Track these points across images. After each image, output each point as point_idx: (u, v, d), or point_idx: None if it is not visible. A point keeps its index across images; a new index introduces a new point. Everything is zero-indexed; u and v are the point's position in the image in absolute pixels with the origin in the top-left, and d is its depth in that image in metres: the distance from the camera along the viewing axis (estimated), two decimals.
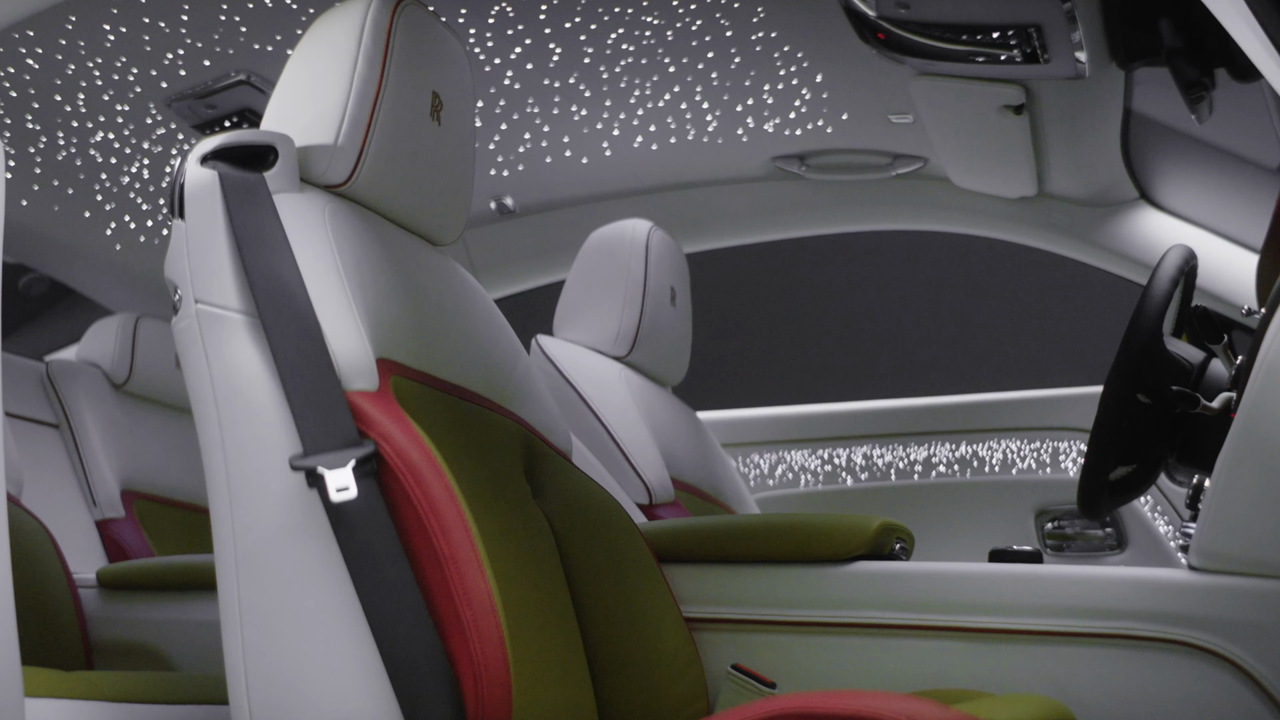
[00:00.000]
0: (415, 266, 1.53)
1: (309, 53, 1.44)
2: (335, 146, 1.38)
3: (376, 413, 1.30)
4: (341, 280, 1.34)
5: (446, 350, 1.53)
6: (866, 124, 2.55)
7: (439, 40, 1.54)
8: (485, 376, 1.60)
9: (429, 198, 1.54)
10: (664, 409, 2.49)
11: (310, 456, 1.26)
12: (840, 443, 2.88)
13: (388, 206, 1.49)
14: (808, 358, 3.67)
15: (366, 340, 1.31)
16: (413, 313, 1.46)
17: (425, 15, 1.52)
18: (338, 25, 1.44)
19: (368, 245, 1.41)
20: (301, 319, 1.31)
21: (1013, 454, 2.78)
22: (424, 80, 1.48)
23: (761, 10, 2.20)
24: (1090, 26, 2.00)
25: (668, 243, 2.50)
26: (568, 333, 2.46)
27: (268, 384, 1.29)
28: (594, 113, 2.55)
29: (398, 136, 1.44)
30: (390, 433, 1.29)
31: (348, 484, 1.25)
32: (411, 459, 1.29)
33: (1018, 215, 2.65)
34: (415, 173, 1.49)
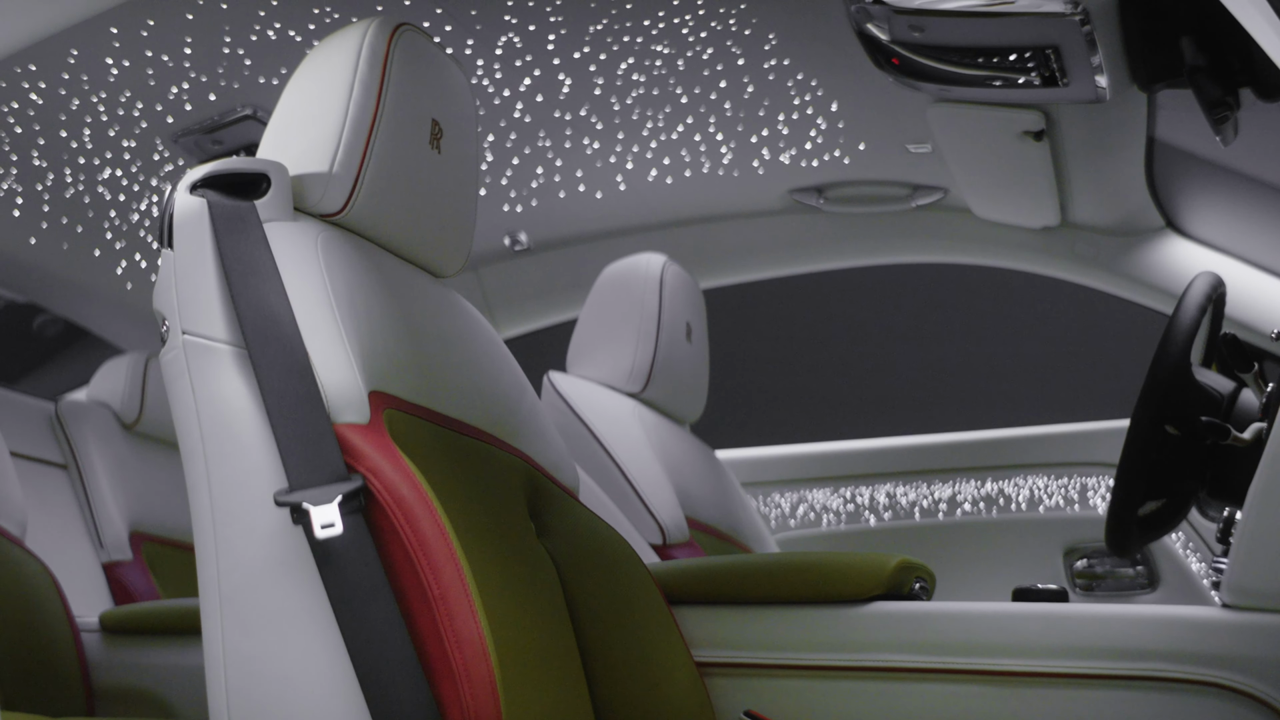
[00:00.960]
0: (414, 298, 1.49)
1: (305, 80, 1.42)
2: (330, 175, 1.35)
3: (366, 446, 1.26)
4: (332, 310, 1.30)
5: (446, 384, 1.49)
6: (884, 154, 2.50)
7: (439, 67, 1.51)
8: (487, 411, 1.55)
9: (429, 228, 1.51)
10: (679, 447, 2.44)
11: (295, 492, 1.22)
12: (863, 481, 2.82)
13: (386, 236, 1.46)
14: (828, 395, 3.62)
15: (357, 372, 1.28)
16: (410, 345, 1.43)
17: (424, 42, 1.49)
18: (334, 52, 1.41)
19: (362, 275, 1.38)
20: (289, 350, 1.27)
21: (1040, 491, 2.70)
22: (423, 107, 1.46)
23: (773, 38, 2.16)
24: (1109, 47, 1.94)
25: (683, 277, 2.45)
26: (581, 369, 2.41)
27: (254, 417, 1.25)
28: (606, 146, 2.52)
29: (395, 165, 1.41)
30: (379, 467, 1.25)
31: (333, 520, 1.20)
32: (401, 494, 1.24)
33: (1041, 246, 2.60)
34: (414, 202, 1.46)
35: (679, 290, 2.43)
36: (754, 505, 2.78)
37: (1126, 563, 2.59)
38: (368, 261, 1.42)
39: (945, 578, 2.44)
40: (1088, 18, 1.88)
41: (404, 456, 1.27)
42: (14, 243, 2.49)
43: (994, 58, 2.04)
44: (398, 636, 1.21)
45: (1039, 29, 1.93)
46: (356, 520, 1.22)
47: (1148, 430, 1.72)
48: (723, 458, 2.69)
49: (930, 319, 3.65)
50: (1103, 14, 1.88)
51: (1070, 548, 2.65)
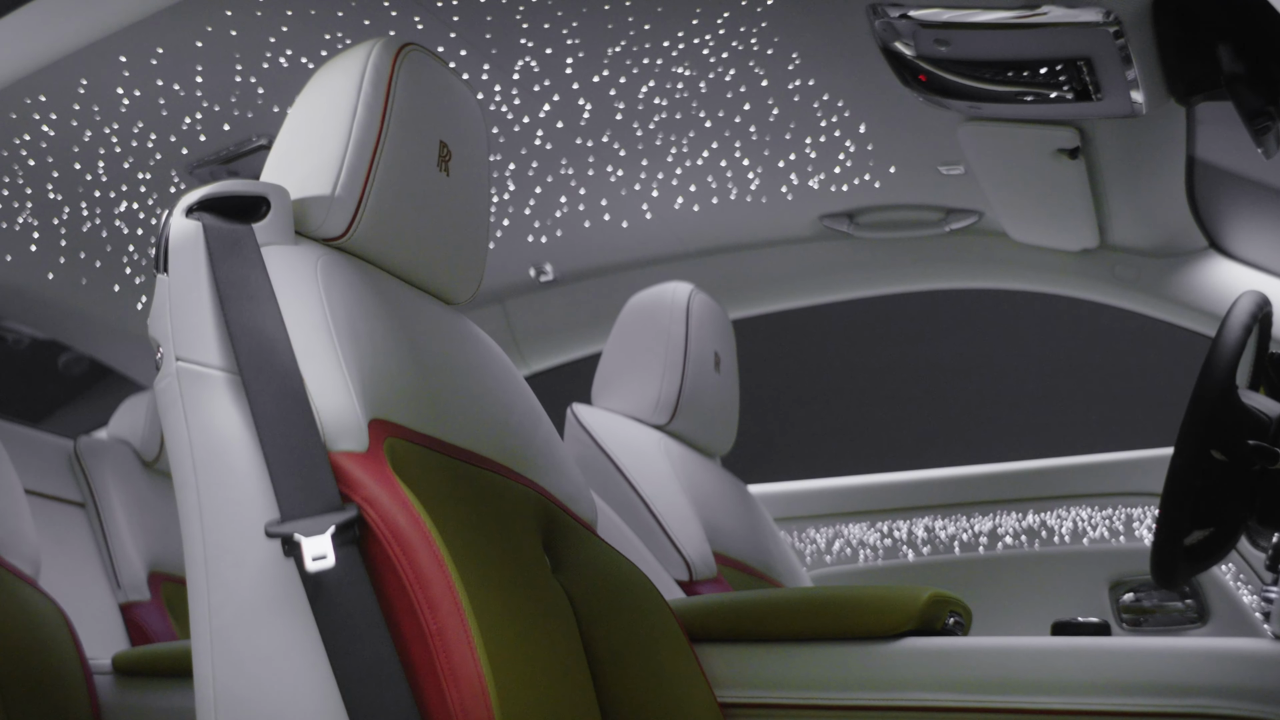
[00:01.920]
0: (422, 324, 1.45)
1: (308, 102, 1.39)
2: (332, 197, 1.32)
3: (362, 475, 1.21)
4: (331, 335, 1.26)
5: (455, 413, 1.44)
6: (916, 176, 2.43)
7: (446, 88, 1.47)
8: (499, 441, 1.51)
9: (438, 253, 1.47)
10: (708, 480, 2.36)
11: (287, 522, 1.17)
12: (900, 515, 2.73)
13: (392, 261, 1.42)
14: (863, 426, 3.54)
15: (355, 398, 1.23)
16: (415, 372, 1.38)
17: (431, 62, 1.46)
18: (337, 74, 1.38)
19: (365, 300, 1.34)
20: (284, 375, 1.23)
21: (1083, 522, 2.61)
22: (430, 129, 1.42)
23: (797, 57, 2.10)
24: (1144, 58, 1.87)
25: (710, 306, 2.39)
26: (606, 401, 2.35)
27: (247, 445, 1.21)
28: (630, 173, 2.47)
29: (400, 187, 1.37)
30: (375, 496, 1.20)
31: (325, 552, 1.16)
32: (398, 525, 1.19)
33: (1080, 269, 2.52)
34: (421, 225, 1.42)
35: (706, 319, 2.37)
36: (787, 541, 2.70)
37: (1175, 596, 2.48)
38: (372, 286, 1.38)
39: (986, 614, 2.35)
40: (1120, 27, 1.81)
41: (403, 486, 1.22)
42: (32, 278, 2.47)
43: (1024, 72, 1.97)
44: (392, 674, 1.15)
45: (1070, 40, 1.86)
46: (350, 552, 1.17)
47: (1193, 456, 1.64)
48: (756, 492, 2.62)
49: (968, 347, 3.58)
50: (1136, 23, 1.81)
51: (1116, 581, 2.55)
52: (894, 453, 2.93)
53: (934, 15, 1.90)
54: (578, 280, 2.80)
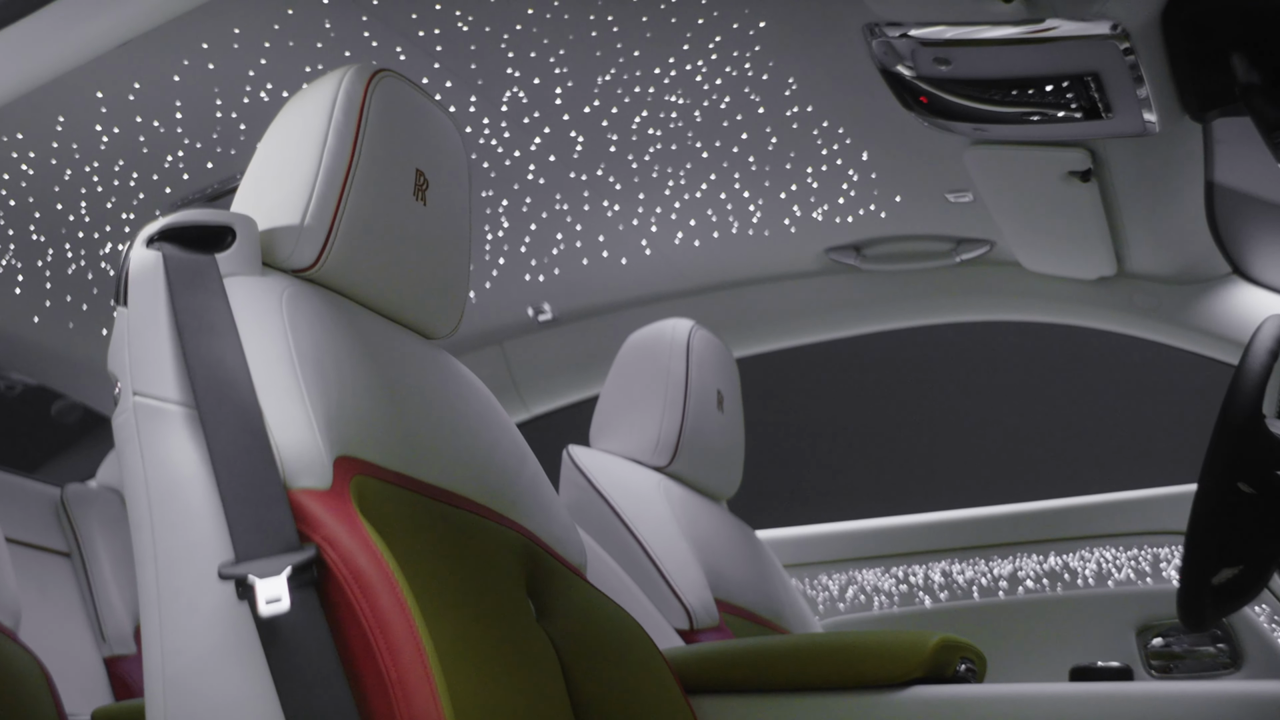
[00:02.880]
0: (397, 359, 1.39)
1: (279, 131, 1.35)
2: (301, 227, 1.28)
3: (323, 513, 1.15)
4: (294, 368, 1.21)
5: (432, 450, 1.38)
6: (923, 205, 2.35)
7: (422, 115, 1.43)
8: (481, 481, 1.44)
9: (415, 284, 1.42)
10: (712, 524, 2.27)
11: (241, 563, 1.11)
12: (916, 559, 2.64)
13: (366, 293, 1.37)
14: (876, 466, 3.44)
15: (318, 433, 1.18)
16: (388, 408, 1.32)
17: (405, 88, 1.41)
18: (309, 101, 1.35)
19: (335, 333, 1.29)
20: (242, 410, 1.18)
21: (1108, 564, 2.50)
22: (405, 156, 1.38)
23: (793, 82, 2.03)
24: (1154, 72, 1.78)
25: (712, 343, 2.31)
26: (604, 443, 2.26)
27: (203, 483, 1.15)
28: (627, 208, 2.40)
29: (373, 216, 1.32)
30: (336, 536, 1.13)
31: (280, 594, 1.09)
32: (358, 566, 1.12)
33: (1098, 298, 2.44)
34: (397, 256, 1.37)
35: (708, 356, 2.29)
36: (797, 587, 2.60)
37: (1206, 640, 2.37)
38: (343, 319, 1.33)
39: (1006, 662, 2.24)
40: (1129, 41, 1.73)
41: (366, 525, 1.16)
42: (19, 323, 2.43)
43: (1030, 90, 1.89)
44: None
45: (1076, 55, 1.78)
46: (308, 595, 1.11)
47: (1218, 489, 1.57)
48: (764, 538, 2.52)
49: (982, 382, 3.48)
50: (1144, 36, 1.72)
51: (1144, 625, 2.42)
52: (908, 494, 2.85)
53: (933, 34, 1.82)
54: (577, 320, 2.74)
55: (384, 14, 1.87)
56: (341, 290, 1.35)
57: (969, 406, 3.50)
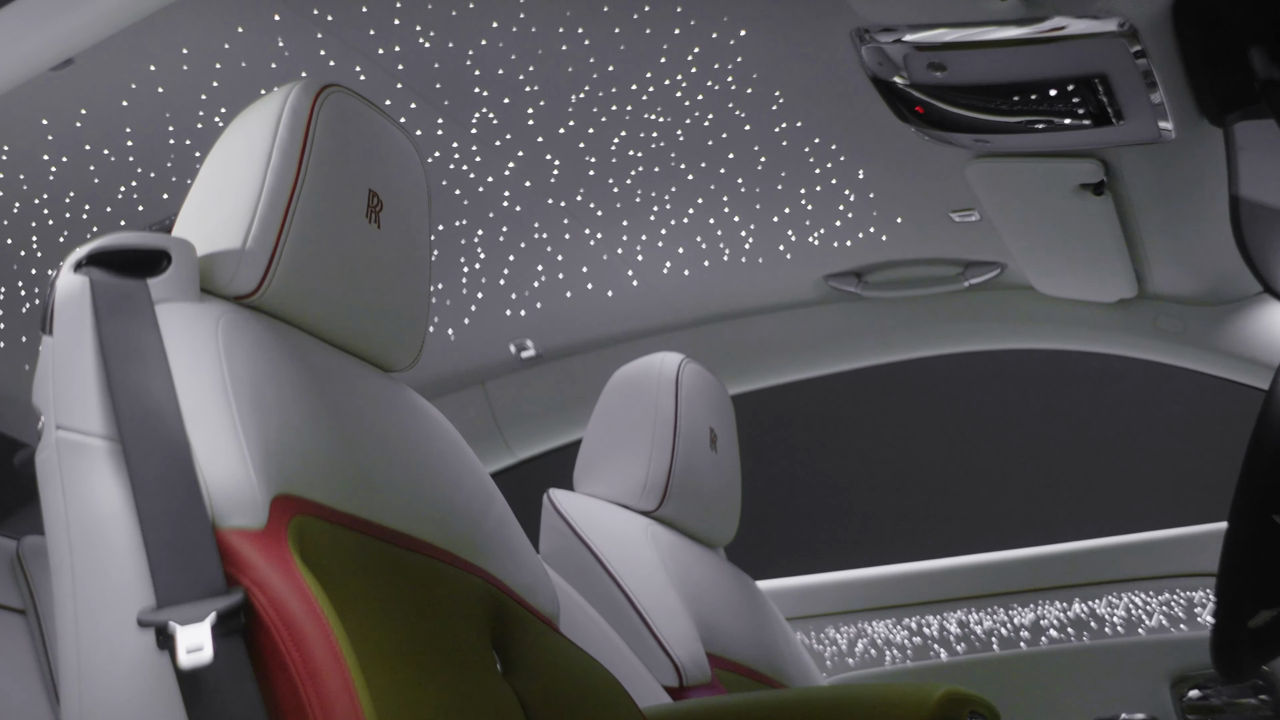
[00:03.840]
0: (348, 392, 1.34)
1: (222, 150, 1.33)
2: (243, 251, 1.24)
3: (254, 555, 1.10)
4: (228, 400, 1.17)
5: (386, 490, 1.33)
6: (927, 227, 2.30)
7: (375, 132, 1.39)
8: (441, 524, 1.39)
9: (369, 313, 1.38)
10: (705, 573, 2.18)
11: (163, 609, 1.06)
12: (930, 609, 2.56)
13: (316, 322, 1.33)
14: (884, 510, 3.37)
15: (252, 469, 1.13)
16: (338, 444, 1.28)
17: (356, 103, 1.37)
18: (252, 119, 1.32)
19: (277, 363, 1.25)
20: (169, 444, 1.14)
21: (1138, 610, 2.43)
22: (356, 176, 1.34)
23: (780, 95, 1.97)
24: (1167, 72, 1.72)
25: (704, 378, 2.24)
26: (589, 486, 2.19)
27: (126, 522, 1.11)
28: (610, 235, 2.35)
29: (321, 239, 1.29)
30: (266, 579, 1.09)
31: (202, 643, 1.04)
32: (290, 611, 1.07)
33: (1118, 323, 2.37)
34: (348, 282, 1.33)
35: (699, 392, 2.22)
36: (802, 641, 2.52)
37: (1247, 691, 2.28)
38: (287, 349, 1.28)
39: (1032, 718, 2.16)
40: (1137, 37, 1.66)
41: (301, 568, 1.11)
42: None
43: (1032, 96, 1.83)
44: None
45: (1080, 56, 1.72)
46: (233, 644, 1.05)
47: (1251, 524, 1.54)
48: (765, 588, 2.45)
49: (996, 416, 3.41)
50: (1154, 31, 1.66)
51: (1179, 676, 2.33)
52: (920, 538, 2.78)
53: (926, 37, 1.76)
54: (563, 357, 2.68)
55: (340, 31, 1.83)
56: (288, 319, 1.31)
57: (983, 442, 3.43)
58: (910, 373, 2.69)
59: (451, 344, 2.60)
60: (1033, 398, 3.39)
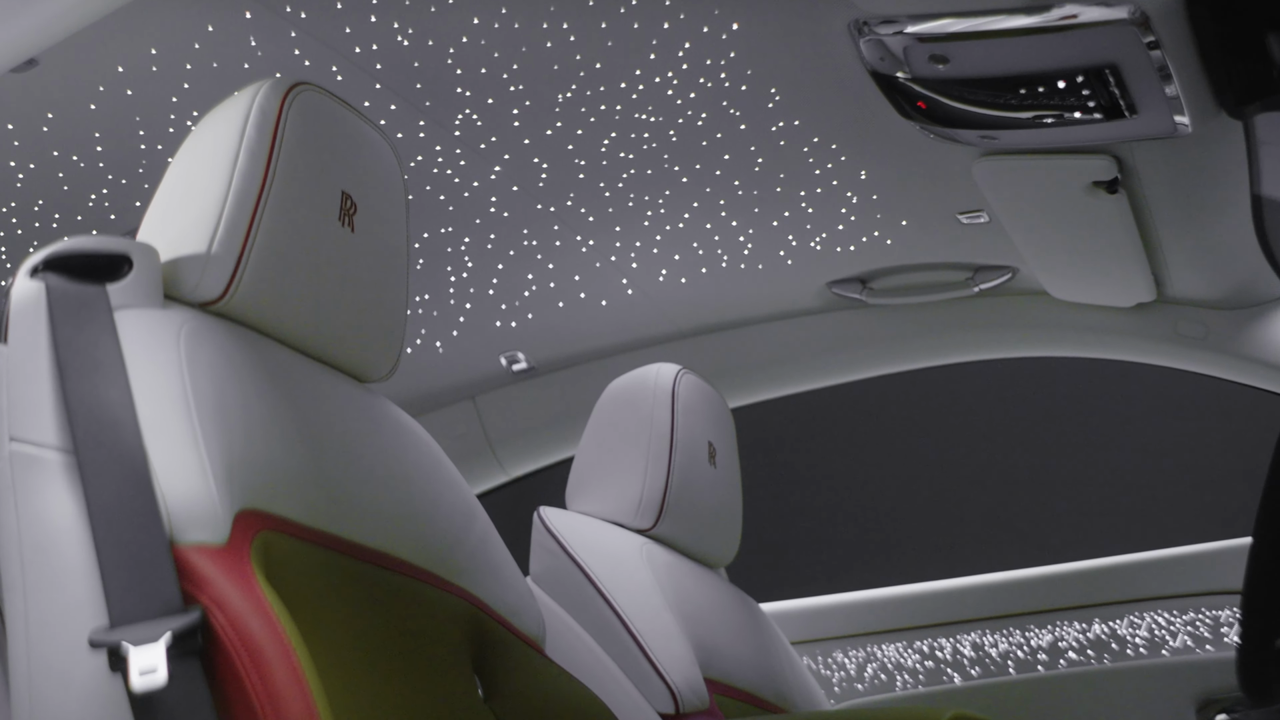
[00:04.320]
0: (320, 403, 1.32)
1: (189, 151, 1.31)
2: (208, 255, 1.22)
3: (213, 572, 1.07)
4: (188, 410, 1.14)
5: (360, 506, 1.31)
6: (933, 229, 2.26)
7: (348, 132, 1.37)
8: (419, 542, 1.37)
9: (344, 320, 1.35)
10: (704, 594, 2.13)
11: (116, 629, 1.03)
12: (942, 631, 2.53)
13: (287, 330, 1.31)
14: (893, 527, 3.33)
15: (213, 482, 1.11)
16: (309, 457, 1.26)
17: (329, 103, 1.35)
18: (219, 119, 1.30)
19: (243, 372, 1.22)
20: (125, 456, 1.12)
21: (1161, 630, 2.39)
22: (328, 177, 1.32)
23: (775, 93, 1.93)
24: (1181, 61, 1.68)
25: (702, 389, 2.19)
26: (582, 504, 2.14)
27: (80, 538, 1.08)
28: (603, 242, 2.32)
29: (291, 243, 1.27)
30: (226, 597, 1.06)
31: (155, 665, 1.01)
32: (249, 631, 1.05)
33: (1136, 328, 2.34)
34: (320, 288, 1.31)
35: (697, 404, 2.17)
36: (808, 666, 2.47)
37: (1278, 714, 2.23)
38: (255, 357, 1.26)
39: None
40: (1148, 24, 1.62)
41: (263, 586, 1.08)
42: None
43: (1040, 88, 1.79)
44: None
45: (1089, 45, 1.68)
46: (189, 666, 1.03)
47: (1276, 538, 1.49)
48: (770, 610, 2.41)
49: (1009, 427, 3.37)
50: (1166, 18, 1.62)
51: (1205, 699, 2.30)
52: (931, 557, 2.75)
53: (927, 28, 1.72)
54: (557, 369, 2.65)
55: (314, 29, 1.80)
56: (257, 326, 1.29)
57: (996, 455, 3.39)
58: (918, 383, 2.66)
59: (440, 357, 2.57)
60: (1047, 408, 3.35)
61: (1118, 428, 3.31)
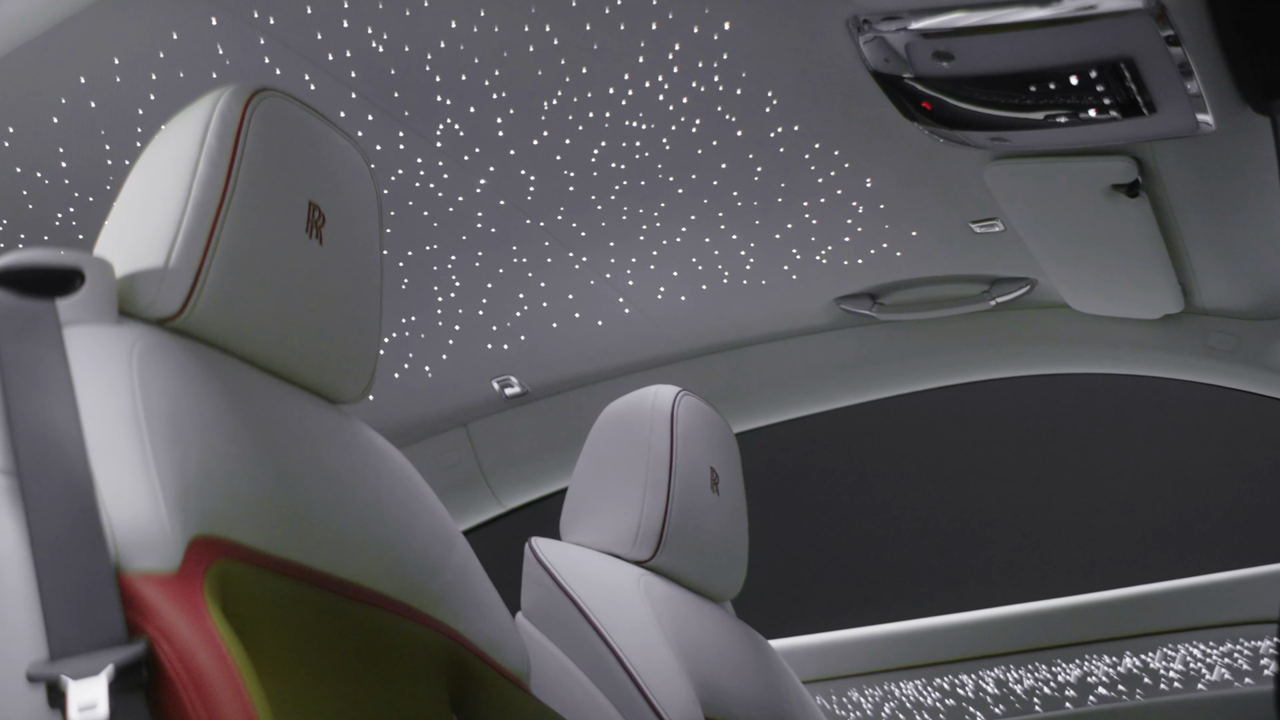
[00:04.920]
0: (287, 425, 1.30)
1: (147, 161, 1.29)
2: (165, 269, 1.20)
3: (162, 601, 1.05)
4: (139, 431, 1.12)
5: (329, 534, 1.28)
6: (945, 240, 2.22)
7: (316, 139, 1.35)
8: (392, 571, 1.35)
9: (312, 337, 1.33)
10: (706, 629, 2.08)
11: (55, 662, 1.00)
12: (964, 666, 2.48)
13: (252, 348, 1.29)
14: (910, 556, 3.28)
15: (165, 506, 1.08)
16: (272, 482, 1.23)
17: (295, 109, 1.34)
18: (180, 126, 1.29)
19: (201, 392, 1.20)
20: (70, 478, 1.09)
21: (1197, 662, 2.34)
22: (294, 187, 1.30)
23: (773, 96, 1.89)
24: (1201, 52, 1.63)
25: (703, 412, 2.15)
26: (577, 534, 2.10)
27: (20, 565, 1.05)
28: (596, 258, 2.28)
29: (254, 255, 1.25)
30: (173, 627, 1.03)
31: (95, 700, 0.98)
32: (197, 663, 1.02)
33: (1164, 341, 2.31)
34: (286, 303, 1.29)
35: (698, 428, 2.12)
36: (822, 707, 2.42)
37: None
38: (215, 376, 1.24)
39: None
40: (1165, 14, 1.57)
41: (214, 617, 1.05)
42: None
43: (1051, 85, 1.74)
44: None
45: (1102, 38, 1.63)
46: (133, 700, 1.00)
47: None
48: (780, 647, 2.36)
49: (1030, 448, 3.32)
50: (1184, 6, 1.57)
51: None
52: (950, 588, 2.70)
53: (930, 24, 1.68)
54: (552, 394, 2.62)
55: (283, 35, 1.77)
56: (219, 343, 1.26)
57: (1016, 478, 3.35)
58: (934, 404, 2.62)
59: (428, 382, 2.55)
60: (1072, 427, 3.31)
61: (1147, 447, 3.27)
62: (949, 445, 3.41)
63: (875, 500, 3.49)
